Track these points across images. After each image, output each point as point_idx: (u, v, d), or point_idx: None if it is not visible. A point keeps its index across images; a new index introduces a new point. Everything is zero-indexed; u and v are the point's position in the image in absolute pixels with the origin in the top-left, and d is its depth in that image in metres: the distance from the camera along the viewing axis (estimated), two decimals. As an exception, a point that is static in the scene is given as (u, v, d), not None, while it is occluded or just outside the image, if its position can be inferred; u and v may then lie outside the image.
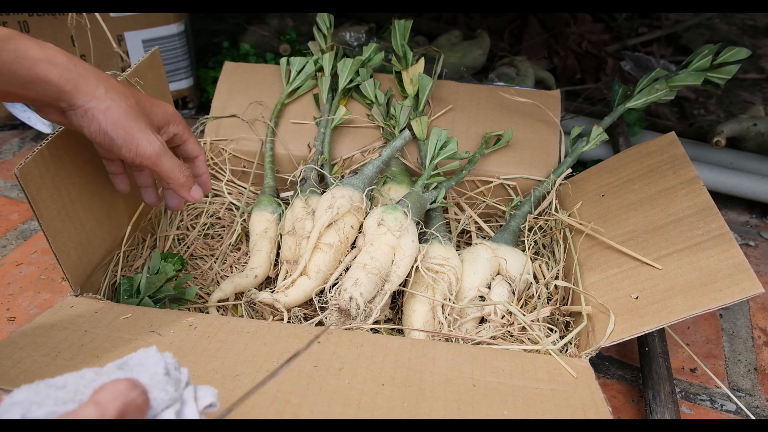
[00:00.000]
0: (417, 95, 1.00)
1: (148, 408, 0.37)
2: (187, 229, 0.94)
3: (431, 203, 0.87)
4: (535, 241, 0.89)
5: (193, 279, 0.85)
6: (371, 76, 1.03)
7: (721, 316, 0.90)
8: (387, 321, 0.80)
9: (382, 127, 1.00)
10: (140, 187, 0.77)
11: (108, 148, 0.63)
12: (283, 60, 1.06)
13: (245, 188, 1.00)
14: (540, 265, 0.85)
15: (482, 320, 0.78)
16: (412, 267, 0.77)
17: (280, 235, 0.86)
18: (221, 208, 0.97)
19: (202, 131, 1.03)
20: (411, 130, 0.92)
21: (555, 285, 0.82)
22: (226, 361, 0.59)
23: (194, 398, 0.40)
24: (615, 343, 0.66)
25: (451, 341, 0.72)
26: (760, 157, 1.18)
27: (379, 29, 1.51)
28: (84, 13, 1.04)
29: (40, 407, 0.36)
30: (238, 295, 0.81)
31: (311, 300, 0.78)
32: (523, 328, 0.73)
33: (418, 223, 0.82)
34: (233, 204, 0.98)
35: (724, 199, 1.17)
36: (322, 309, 0.74)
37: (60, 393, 0.37)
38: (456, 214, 0.97)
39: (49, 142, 0.66)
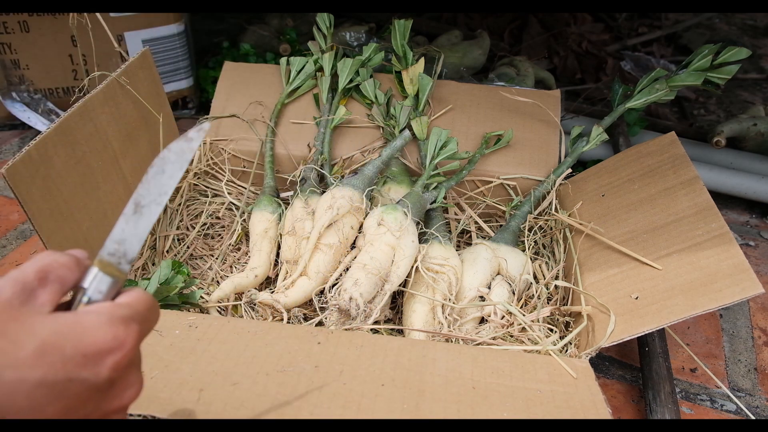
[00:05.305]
0: (417, 95, 1.00)
1: None
2: (187, 229, 0.94)
3: (431, 203, 0.87)
4: (535, 241, 0.89)
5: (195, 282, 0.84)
6: (371, 76, 1.03)
7: (721, 316, 0.90)
8: (387, 321, 0.80)
9: (382, 127, 1.00)
10: None
11: None
12: (283, 60, 1.06)
13: (245, 188, 1.00)
14: (540, 265, 0.85)
15: (482, 320, 0.78)
16: (412, 267, 0.77)
17: (280, 235, 0.86)
18: (221, 208, 0.97)
19: (202, 131, 1.03)
20: (411, 130, 0.92)
21: (555, 285, 0.82)
22: (226, 363, 0.59)
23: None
24: (615, 343, 0.66)
25: (451, 342, 0.72)
26: (760, 157, 1.18)
27: (379, 29, 1.51)
28: (84, 13, 1.04)
29: None
30: (238, 296, 0.81)
31: (311, 300, 0.78)
32: (523, 329, 0.73)
33: (418, 223, 0.82)
34: (233, 204, 0.98)
35: (724, 199, 1.17)
36: (322, 309, 0.74)
37: None
38: (456, 214, 0.96)
39: (37, 142, 0.65)
